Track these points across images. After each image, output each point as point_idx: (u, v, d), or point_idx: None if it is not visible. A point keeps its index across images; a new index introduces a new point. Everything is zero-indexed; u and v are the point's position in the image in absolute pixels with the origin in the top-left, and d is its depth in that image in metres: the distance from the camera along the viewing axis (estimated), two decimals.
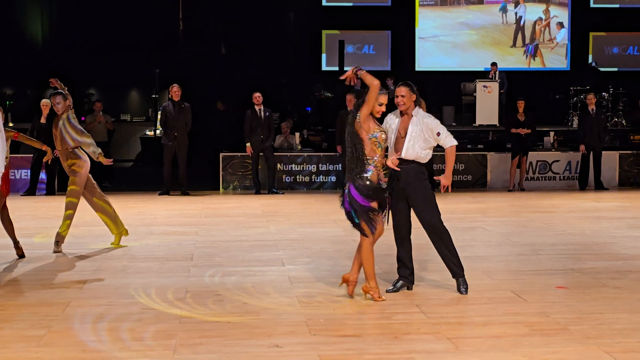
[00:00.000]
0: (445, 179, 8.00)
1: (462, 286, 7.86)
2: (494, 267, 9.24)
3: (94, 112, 19.17)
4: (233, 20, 24.12)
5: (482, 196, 16.94)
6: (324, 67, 25.56)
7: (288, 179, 18.07)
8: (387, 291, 7.83)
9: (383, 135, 7.48)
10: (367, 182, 7.39)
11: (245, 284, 8.21)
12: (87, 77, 24.63)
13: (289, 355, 5.92)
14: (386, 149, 7.60)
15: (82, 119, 21.35)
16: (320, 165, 18.18)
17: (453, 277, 7.94)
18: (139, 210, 14.30)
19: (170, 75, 20.26)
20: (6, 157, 9.39)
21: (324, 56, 25.63)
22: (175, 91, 16.83)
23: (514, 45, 26.04)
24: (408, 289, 7.96)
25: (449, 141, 7.82)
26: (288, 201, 16.10)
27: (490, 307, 7.31)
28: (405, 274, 8.00)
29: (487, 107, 21.59)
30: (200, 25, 24.31)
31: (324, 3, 25.44)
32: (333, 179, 18.16)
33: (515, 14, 26.02)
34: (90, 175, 10.48)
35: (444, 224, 8.03)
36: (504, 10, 26.00)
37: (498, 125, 21.28)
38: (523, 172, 18.04)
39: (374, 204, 7.45)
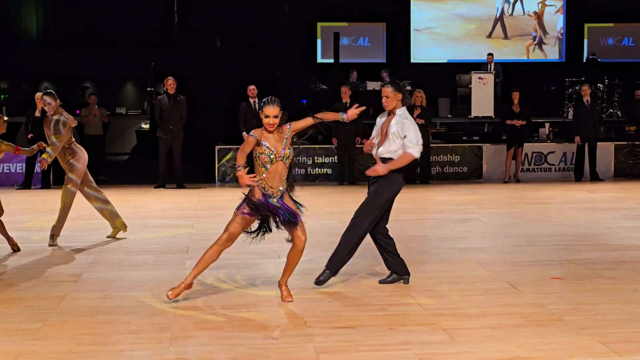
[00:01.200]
0: (380, 167, 7.84)
1: (322, 276, 7.76)
2: (489, 258, 9.25)
3: (89, 105, 19.13)
4: (228, 12, 24.08)
5: (478, 188, 16.97)
6: (319, 60, 25.55)
7: None
8: (379, 282, 7.86)
9: (265, 158, 7.20)
10: (254, 197, 7.23)
11: (240, 276, 8.22)
12: (82, 70, 24.65)
13: (285, 347, 5.92)
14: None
15: (77, 112, 21.34)
16: (315, 157, 18.18)
17: (325, 266, 7.80)
18: (134, 204, 14.28)
19: (165, 69, 20.22)
20: None
21: (319, 49, 25.61)
22: (170, 84, 16.81)
23: (490, 36, 26.02)
24: (404, 282, 7.96)
25: (411, 149, 7.69)
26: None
27: (485, 298, 7.32)
28: (393, 267, 7.93)
29: (482, 98, 21.58)
30: (195, 18, 24.27)
31: None
32: (329, 171, 18.16)
33: (504, 7, 26.02)
34: (87, 170, 10.46)
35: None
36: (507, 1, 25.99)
37: (493, 116, 21.28)
38: (518, 163, 18.06)
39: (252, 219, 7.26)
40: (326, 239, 10.55)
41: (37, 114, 16.83)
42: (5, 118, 10.02)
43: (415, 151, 7.70)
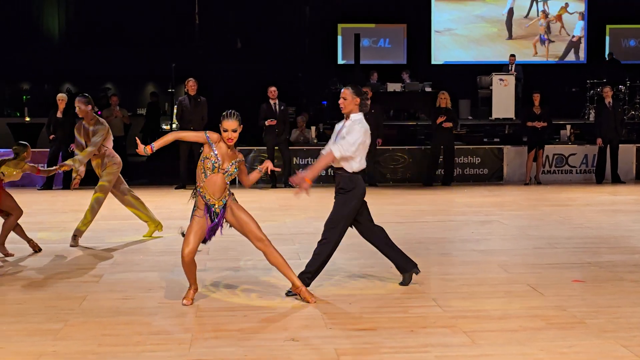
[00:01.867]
0: (301, 180, 7.68)
1: (291, 291, 7.51)
2: (510, 260, 9.20)
3: (110, 106, 19.19)
4: (249, 14, 24.13)
5: (498, 190, 16.90)
6: (340, 61, 25.56)
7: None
8: (399, 284, 7.81)
9: (209, 164, 7.12)
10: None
11: (261, 277, 8.22)
12: (103, 71, 24.75)
13: (305, 349, 5.92)
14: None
15: (99, 113, 21.42)
16: None
17: (300, 274, 7.53)
18: (155, 205, 14.29)
19: (186, 70, 20.27)
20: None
21: (339, 50, 25.61)
22: (191, 85, 16.85)
23: (511, 38, 25.97)
24: (415, 274, 7.88)
25: (335, 148, 7.53)
26: (304, 195, 16.05)
27: (506, 300, 7.29)
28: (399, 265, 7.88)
29: (503, 100, 21.51)
30: (216, 20, 24.31)
31: None
32: None
33: (511, 9, 25.94)
34: (120, 174, 10.51)
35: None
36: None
37: (514, 118, 21.20)
38: (539, 165, 17.98)
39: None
40: (346, 240, 10.48)
41: (59, 114, 16.91)
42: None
43: (336, 150, 7.51)
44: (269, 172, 7.43)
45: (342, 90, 7.68)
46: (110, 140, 10.48)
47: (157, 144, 7.08)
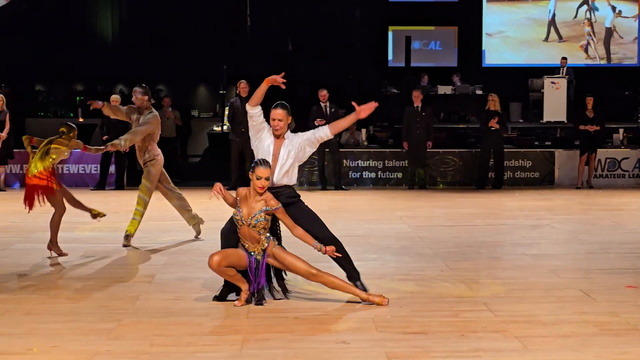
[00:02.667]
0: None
1: (359, 287, 7.54)
2: (562, 265, 9.13)
3: (162, 107, 19.37)
4: (300, 16, 24.19)
5: (550, 193, 16.77)
6: (390, 64, 25.52)
7: (354, 175, 18.09)
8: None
9: (234, 216, 7.28)
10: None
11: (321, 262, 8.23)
12: (155, 73, 24.96)
13: (356, 352, 5.92)
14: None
15: None
16: (386, 161, 18.16)
17: (352, 282, 7.56)
18: (206, 206, 14.33)
19: (238, 72, 20.38)
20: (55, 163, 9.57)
21: (390, 52, 25.58)
22: (242, 87, 16.94)
23: (547, 39, 25.74)
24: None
25: (325, 130, 7.72)
26: (354, 197, 16.11)
27: (558, 306, 7.23)
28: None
29: (554, 103, 21.33)
30: (267, 22, 24.41)
31: None
32: (399, 175, 18.12)
33: (550, 10, 25.70)
34: (163, 170, 10.61)
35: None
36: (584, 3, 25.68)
37: (566, 121, 21.02)
38: (591, 169, 17.81)
39: None
40: (396, 243, 10.55)
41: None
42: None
43: (326, 128, 7.76)
44: (328, 254, 7.42)
45: (274, 110, 7.59)
46: (157, 134, 10.52)
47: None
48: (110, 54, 25.06)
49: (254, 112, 7.66)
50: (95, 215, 9.98)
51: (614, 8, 25.63)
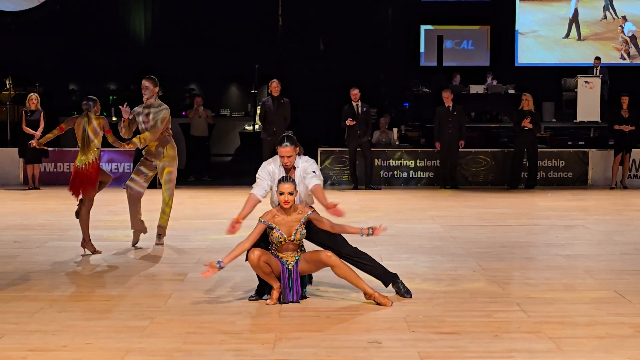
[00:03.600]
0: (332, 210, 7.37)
1: (402, 289, 7.53)
2: (596, 266, 9.06)
3: (194, 106, 19.44)
4: (331, 15, 24.17)
5: (583, 194, 16.65)
6: (422, 63, 25.42)
7: (385, 174, 18.06)
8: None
9: (273, 238, 7.29)
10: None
11: (343, 280, 8.21)
12: (187, 72, 25.06)
13: (388, 352, 5.91)
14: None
15: (183, 113, 21.70)
16: (417, 160, 18.11)
17: (386, 286, 7.54)
18: (238, 204, 14.36)
19: (269, 71, 20.40)
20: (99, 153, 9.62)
21: (422, 51, 25.50)
22: (274, 86, 16.95)
23: (567, 36, 25.53)
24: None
25: (314, 181, 7.50)
26: (385, 196, 16.08)
27: (592, 307, 7.18)
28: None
29: (588, 103, 21.14)
30: (299, 21, 24.42)
31: None
32: (431, 174, 18.06)
33: (576, 9, 25.48)
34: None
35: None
36: (606, 8, 25.45)
37: (600, 121, 20.86)
38: (626, 169, 17.67)
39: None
40: (429, 243, 10.52)
41: None
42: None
43: (316, 180, 7.53)
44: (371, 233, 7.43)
45: (281, 148, 7.49)
46: (169, 125, 10.36)
47: (228, 258, 7.24)
48: (143, 54, 25.17)
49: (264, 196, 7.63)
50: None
51: None
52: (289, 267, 7.27)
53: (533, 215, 13.67)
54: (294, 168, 7.59)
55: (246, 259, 7.30)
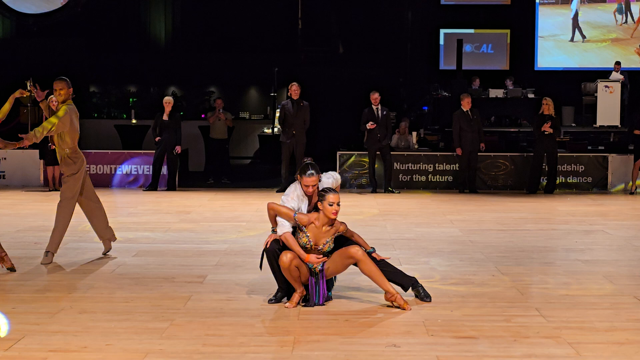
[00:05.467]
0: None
1: (422, 292, 7.54)
2: (615, 271, 9.03)
3: (214, 109, 19.51)
4: (351, 19, 24.21)
5: (602, 199, 16.59)
6: (442, 67, 25.41)
7: (405, 178, 18.05)
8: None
9: (300, 242, 7.35)
10: None
11: (362, 282, 8.22)
12: (208, 75, 25.16)
13: (407, 355, 5.92)
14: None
15: (203, 116, 21.79)
16: (437, 164, 18.09)
17: (405, 290, 7.55)
18: (256, 207, 14.48)
19: (289, 74, 20.46)
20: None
21: (441, 55, 25.48)
22: (294, 90, 16.99)
23: (572, 40, 25.45)
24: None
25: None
26: (404, 200, 16.08)
27: (612, 312, 7.16)
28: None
29: (608, 107, 21.09)
30: (319, 25, 24.47)
31: (443, 2, 25.29)
32: (450, 178, 18.04)
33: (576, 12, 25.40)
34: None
35: None
36: (620, 11, 25.37)
37: (619, 126, 20.79)
38: None
39: None
40: (448, 247, 10.52)
41: (165, 117, 17.24)
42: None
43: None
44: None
45: (307, 178, 7.36)
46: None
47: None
48: (163, 56, 25.30)
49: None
50: None
51: None
52: (316, 270, 7.29)
53: (552, 220, 13.64)
54: (315, 195, 7.48)
55: (276, 262, 7.30)
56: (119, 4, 24.78)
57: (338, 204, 7.26)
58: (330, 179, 7.63)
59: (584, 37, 25.50)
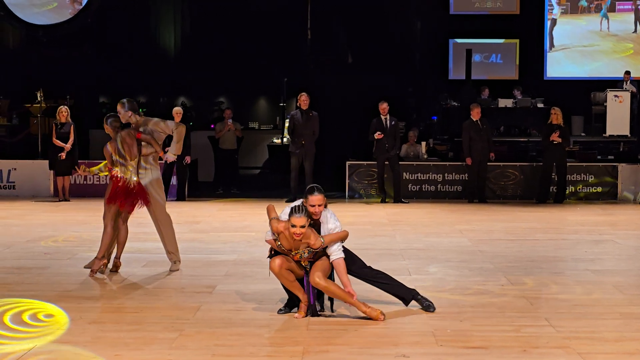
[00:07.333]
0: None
1: (424, 303, 7.50)
2: (625, 281, 9.01)
3: (224, 119, 19.53)
4: (360, 29, 24.22)
5: (612, 208, 16.55)
6: (451, 76, 25.38)
7: (414, 187, 18.05)
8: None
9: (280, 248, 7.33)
10: None
11: (371, 292, 8.22)
12: (217, 85, 25.18)
13: None
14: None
15: (212, 126, 21.80)
16: (446, 174, 18.09)
17: (407, 304, 7.52)
18: (266, 217, 14.42)
19: (298, 84, 20.48)
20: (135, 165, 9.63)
21: (450, 65, 25.48)
22: (303, 100, 17.02)
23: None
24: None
25: (338, 254, 7.30)
26: (414, 210, 16.07)
27: (622, 322, 7.14)
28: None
29: (618, 117, 21.06)
30: (328, 34, 24.49)
31: (452, 12, 25.29)
32: (459, 188, 18.03)
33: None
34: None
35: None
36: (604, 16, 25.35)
37: (629, 135, 20.76)
38: None
39: None
40: (456, 257, 10.51)
41: None
42: None
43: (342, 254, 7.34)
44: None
45: (312, 197, 7.28)
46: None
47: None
48: (172, 67, 25.34)
49: None
50: None
51: None
52: (307, 269, 7.30)
53: (562, 229, 13.62)
54: (320, 219, 7.39)
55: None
56: (128, 15, 24.83)
57: (302, 227, 7.06)
58: (336, 220, 7.47)
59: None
